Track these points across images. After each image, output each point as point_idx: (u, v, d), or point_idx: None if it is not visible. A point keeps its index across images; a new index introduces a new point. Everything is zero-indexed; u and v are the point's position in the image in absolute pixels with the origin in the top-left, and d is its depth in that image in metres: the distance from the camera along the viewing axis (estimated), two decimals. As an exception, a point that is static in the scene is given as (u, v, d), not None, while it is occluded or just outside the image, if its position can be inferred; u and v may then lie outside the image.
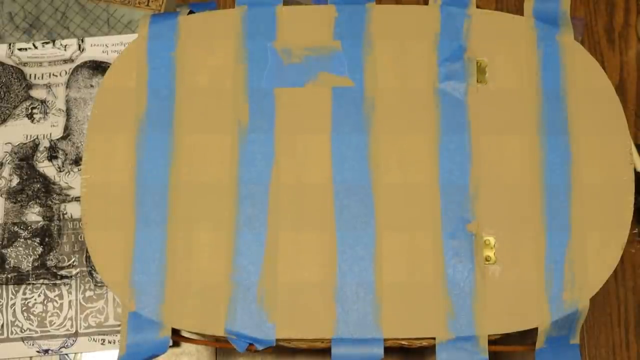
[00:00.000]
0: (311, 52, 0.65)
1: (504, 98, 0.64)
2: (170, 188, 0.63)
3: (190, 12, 0.68)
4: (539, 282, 0.60)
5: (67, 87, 0.83)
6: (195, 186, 0.63)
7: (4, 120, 0.83)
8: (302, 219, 0.62)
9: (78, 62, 0.83)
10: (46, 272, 0.78)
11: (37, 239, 0.79)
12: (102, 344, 0.77)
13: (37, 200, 0.80)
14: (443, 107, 0.64)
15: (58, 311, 0.77)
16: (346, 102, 0.64)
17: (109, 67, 0.68)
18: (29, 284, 0.78)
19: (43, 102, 0.83)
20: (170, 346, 0.61)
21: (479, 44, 0.65)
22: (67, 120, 0.82)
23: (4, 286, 0.78)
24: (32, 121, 0.82)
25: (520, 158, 0.63)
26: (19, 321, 0.77)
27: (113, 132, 0.64)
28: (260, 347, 0.60)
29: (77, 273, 0.78)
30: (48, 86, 0.83)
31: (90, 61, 0.83)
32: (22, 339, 0.77)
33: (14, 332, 0.77)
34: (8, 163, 0.81)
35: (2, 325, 0.77)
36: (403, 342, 0.61)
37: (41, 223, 0.79)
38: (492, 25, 0.65)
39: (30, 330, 0.77)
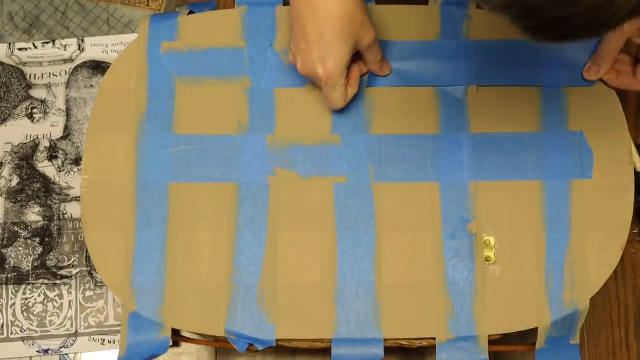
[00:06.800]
0: (311, 52, 0.65)
1: (504, 98, 0.64)
2: (170, 188, 0.63)
3: (190, 12, 0.68)
4: (539, 283, 0.60)
5: (67, 87, 0.83)
6: (195, 186, 0.63)
7: (4, 120, 0.82)
8: (303, 219, 0.62)
9: (78, 62, 0.83)
10: (46, 272, 0.78)
11: (37, 239, 0.79)
12: (102, 344, 0.77)
13: (37, 200, 0.80)
14: (443, 107, 0.63)
15: (58, 311, 0.77)
16: (346, 102, 0.63)
17: (109, 67, 0.67)
18: (29, 284, 0.78)
19: (43, 102, 0.83)
20: (170, 346, 0.61)
21: (479, 44, 0.65)
22: (67, 120, 0.82)
23: (4, 286, 0.78)
24: (32, 121, 0.82)
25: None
26: (19, 321, 0.77)
27: (113, 132, 0.64)
28: (260, 347, 0.60)
29: (77, 273, 0.78)
30: (48, 86, 0.83)
31: (90, 61, 0.83)
32: (22, 339, 0.77)
33: (14, 332, 0.77)
34: (8, 163, 0.81)
35: (2, 325, 0.77)
36: (403, 342, 0.61)
37: (41, 223, 0.79)
38: (492, 25, 0.65)
39: (30, 330, 0.77)
